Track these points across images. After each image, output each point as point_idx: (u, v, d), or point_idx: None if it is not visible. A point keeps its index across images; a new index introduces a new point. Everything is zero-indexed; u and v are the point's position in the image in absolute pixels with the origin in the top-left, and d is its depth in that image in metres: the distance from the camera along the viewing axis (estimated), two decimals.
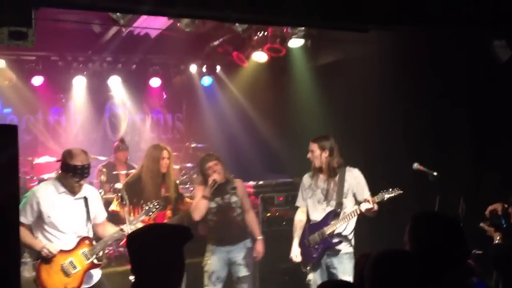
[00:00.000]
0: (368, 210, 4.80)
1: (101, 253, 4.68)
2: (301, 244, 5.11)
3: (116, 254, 6.76)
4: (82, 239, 4.47)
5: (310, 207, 5.11)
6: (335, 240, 4.96)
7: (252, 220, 5.43)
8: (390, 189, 4.86)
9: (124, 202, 4.51)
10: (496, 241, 4.31)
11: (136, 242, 2.31)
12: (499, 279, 3.89)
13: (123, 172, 7.27)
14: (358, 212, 4.85)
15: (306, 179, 5.21)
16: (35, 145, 8.37)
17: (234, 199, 5.32)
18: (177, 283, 2.33)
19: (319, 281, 4.89)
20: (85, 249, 4.46)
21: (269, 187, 7.50)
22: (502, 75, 5.64)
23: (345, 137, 6.42)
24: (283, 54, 7.51)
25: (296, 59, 7.99)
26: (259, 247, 5.38)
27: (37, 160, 7.21)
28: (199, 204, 5.20)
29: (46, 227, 4.38)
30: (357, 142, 7.00)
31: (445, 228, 2.61)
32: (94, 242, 4.54)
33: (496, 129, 5.90)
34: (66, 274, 4.35)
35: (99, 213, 4.74)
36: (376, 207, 4.82)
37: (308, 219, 5.14)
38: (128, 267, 6.06)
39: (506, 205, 4.43)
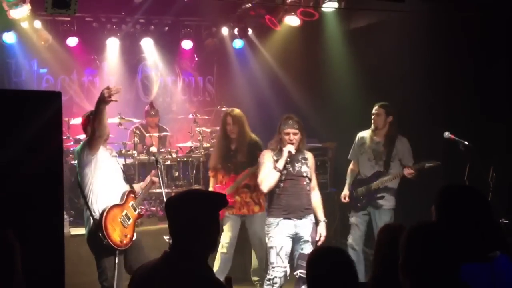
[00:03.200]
0: (409, 174, 5.46)
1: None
2: (350, 192, 5.91)
3: (149, 213, 6.98)
4: (129, 193, 4.73)
5: (360, 162, 5.86)
6: (379, 195, 5.68)
7: (317, 200, 5.09)
8: (431, 160, 5.46)
9: (158, 165, 4.64)
10: None
11: (174, 206, 2.41)
12: None
13: (156, 134, 7.41)
14: (401, 175, 5.55)
15: (361, 136, 5.90)
16: (71, 106, 8.55)
17: (304, 168, 4.97)
18: (212, 247, 2.42)
19: (360, 225, 5.78)
20: (132, 202, 4.73)
21: None
22: None
23: (376, 101, 6.40)
24: (316, 18, 7.44)
25: (329, 23, 7.91)
26: (322, 230, 4.98)
27: (73, 121, 7.39)
28: (269, 176, 4.84)
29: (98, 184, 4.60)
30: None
31: (472, 201, 2.64)
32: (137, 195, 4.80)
33: None
34: (124, 225, 4.61)
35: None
36: (415, 173, 5.45)
37: (359, 171, 5.89)
38: (160, 226, 6.27)
39: None
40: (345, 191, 5.94)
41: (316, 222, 5.03)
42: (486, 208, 2.62)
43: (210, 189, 5.85)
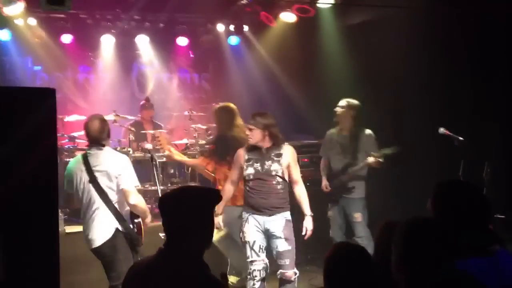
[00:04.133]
0: (373, 163, 5.67)
1: None
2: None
3: None
4: None
5: (331, 158, 6.10)
6: (349, 186, 5.93)
7: (300, 194, 4.91)
8: (391, 147, 5.69)
9: (154, 162, 4.62)
10: None
11: (168, 203, 2.40)
12: None
13: (151, 131, 7.40)
14: (367, 164, 5.75)
15: (329, 133, 6.19)
16: (65, 103, 8.51)
17: (275, 166, 4.78)
18: (207, 243, 2.41)
19: (337, 218, 6.03)
20: None
21: (294, 148, 7.54)
22: None
23: (372, 98, 6.42)
24: (311, 14, 7.44)
25: (324, 20, 7.90)
26: (308, 224, 4.85)
27: (67, 118, 7.36)
28: (226, 192, 4.96)
29: None
30: (384, 103, 6.98)
31: (469, 196, 2.64)
32: None
33: None
34: None
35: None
36: (377, 160, 5.66)
37: (330, 167, 6.14)
38: (155, 223, 6.24)
39: None
40: (324, 182, 6.17)
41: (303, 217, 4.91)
42: (483, 203, 2.63)
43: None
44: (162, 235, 4.09)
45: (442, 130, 5.31)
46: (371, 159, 5.67)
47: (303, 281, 5.51)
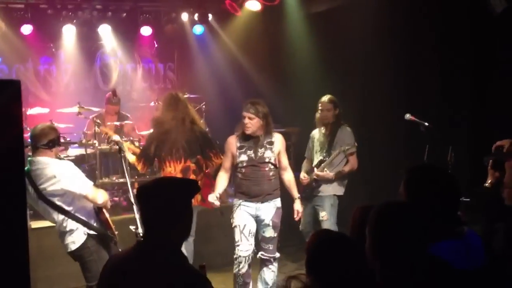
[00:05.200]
0: (318, 176, 5.66)
1: None
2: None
3: (111, 204, 6.85)
4: None
5: (312, 155, 5.98)
6: (320, 182, 5.79)
7: (290, 180, 5.14)
8: (344, 147, 5.64)
9: (121, 154, 4.54)
10: (487, 184, 4.33)
11: (146, 194, 2.36)
12: (488, 227, 4.01)
13: (116, 123, 7.28)
14: (315, 176, 5.69)
15: (312, 134, 6.03)
16: (26, 96, 8.26)
17: (268, 154, 4.95)
18: (186, 235, 2.39)
19: (306, 214, 5.75)
20: None
21: None
22: (498, 26, 5.65)
23: (339, 86, 6.46)
24: (276, 2, 7.43)
25: (289, 8, 7.90)
26: (298, 207, 5.11)
27: (30, 111, 7.18)
28: (222, 180, 5.04)
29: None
30: (351, 91, 7.04)
31: (441, 179, 2.69)
32: None
33: (492, 80, 5.95)
34: None
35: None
36: (326, 173, 5.65)
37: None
38: (124, 216, 6.18)
39: None
40: (302, 175, 6.00)
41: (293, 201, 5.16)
42: (453, 186, 2.68)
43: None
44: (132, 227, 4.04)
45: (408, 116, 5.35)
46: (315, 173, 5.66)
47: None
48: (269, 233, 4.97)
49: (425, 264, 2.11)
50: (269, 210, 4.98)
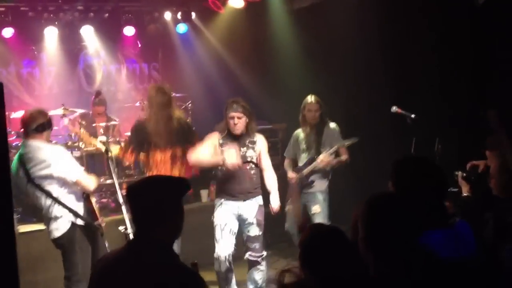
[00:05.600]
0: (322, 161, 5.61)
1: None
2: (289, 184, 5.94)
3: (100, 205, 6.81)
4: None
5: (298, 157, 5.91)
6: (311, 180, 5.77)
7: (271, 179, 5.07)
8: (349, 138, 5.68)
9: (109, 155, 4.50)
10: (465, 194, 4.38)
11: (136, 193, 2.34)
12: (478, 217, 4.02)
13: (103, 124, 7.22)
14: (319, 161, 5.65)
15: (296, 133, 5.98)
16: (10, 99, 8.17)
17: (250, 153, 4.92)
18: (176, 233, 2.37)
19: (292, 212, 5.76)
20: None
21: None
22: (480, 17, 5.67)
23: (325, 81, 6.44)
24: None
25: (272, 4, 7.89)
26: (275, 204, 5.04)
27: (14, 115, 7.10)
28: (207, 158, 4.85)
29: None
30: (337, 86, 7.03)
31: (427, 171, 2.70)
32: None
33: (479, 72, 5.97)
34: None
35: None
36: (332, 158, 5.64)
37: (297, 165, 5.94)
38: (112, 217, 6.13)
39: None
40: (290, 174, 5.95)
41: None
42: (440, 177, 2.69)
43: None
44: (121, 228, 4.01)
45: (394, 108, 5.30)
46: (320, 157, 5.62)
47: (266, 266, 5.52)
48: (254, 231, 4.92)
49: (416, 255, 2.11)
50: (252, 208, 4.92)
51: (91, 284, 2.43)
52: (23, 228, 5.85)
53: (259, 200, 5.01)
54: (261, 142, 5.02)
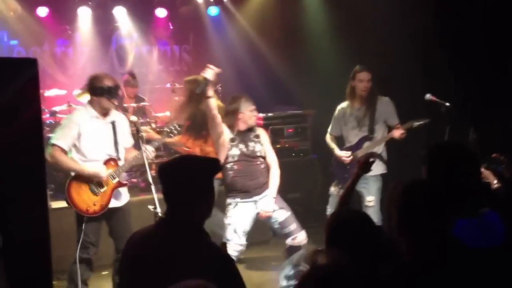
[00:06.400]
0: (400, 135, 5.22)
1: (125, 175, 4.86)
2: (333, 163, 5.56)
3: (130, 185, 6.88)
4: (108, 160, 4.63)
5: (345, 133, 5.53)
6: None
7: (274, 175, 4.80)
8: (418, 118, 5.25)
9: (140, 135, 4.52)
10: (495, 186, 4.29)
11: (167, 172, 2.35)
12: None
13: (133, 104, 7.28)
14: (390, 137, 5.28)
15: (340, 108, 5.58)
16: (44, 78, 8.23)
17: (258, 147, 4.78)
18: (207, 212, 2.38)
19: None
20: (110, 170, 4.63)
21: (278, 119, 7.53)
22: None
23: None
24: None
25: None
26: (268, 207, 4.70)
27: (47, 93, 7.21)
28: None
29: (80, 149, 4.56)
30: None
31: (462, 157, 2.65)
32: (120, 163, 4.68)
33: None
34: (94, 193, 4.57)
35: (126, 139, 4.82)
36: (405, 133, 5.25)
37: (340, 144, 5.58)
38: (142, 197, 6.19)
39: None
40: (340, 152, 5.45)
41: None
42: (475, 164, 2.64)
43: None
44: (151, 207, 4.03)
45: (428, 96, 5.16)
46: (398, 132, 5.19)
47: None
48: (282, 215, 4.72)
49: (449, 242, 2.08)
50: (269, 200, 4.73)
51: (123, 260, 2.46)
52: (55, 204, 5.96)
53: None
54: (264, 135, 4.90)
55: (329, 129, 5.66)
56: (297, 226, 4.73)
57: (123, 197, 4.79)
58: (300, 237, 4.70)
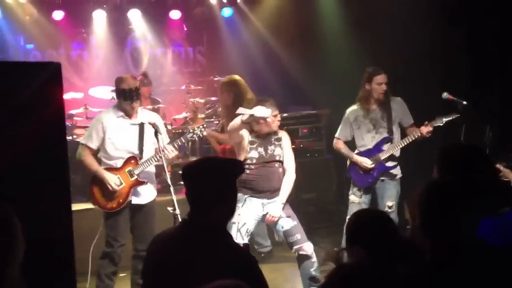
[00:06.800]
0: (428, 132, 5.10)
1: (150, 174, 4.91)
2: (351, 170, 5.36)
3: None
4: (129, 159, 4.76)
5: (359, 137, 5.34)
6: (390, 164, 5.24)
7: (287, 180, 4.71)
8: (448, 114, 5.14)
9: (157, 136, 4.55)
10: None
11: (192, 174, 2.37)
12: None
13: (149, 106, 7.33)
14: (418, 135, 5.14)
15: (352, 111, 5.39)
16: None
17: (278, 151, 4.71)
18: (230, 214, 2.40)
19: (363, 204, 5.24)
20: (130, 167, 4.74)
21: (293, 119, 7.52)
22: None
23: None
24: None
25: None
26: (276, 212, 4.61)
27: (64, 96, 7.26)
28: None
29: (104, 147, 4.76)
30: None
31: (475, 159, 2.65)
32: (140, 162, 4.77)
33: None
34: (113, 189, 4.70)
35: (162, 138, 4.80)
36: (431, 131, 5.14)
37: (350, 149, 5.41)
38: (159, 198, 6.23)
39: None
40: (361, 158, 5.25)
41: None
42: (489, 165, 2.64)
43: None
44: (170, 208, 4.06)
45: (445, 94, 5.12)
46: (425, 129, 5.06)
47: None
48: (288, 224, 4.61)
49: (472, 243, 2.08)
50: (278, 205, 4.64)
51: (147, 263, 2.48)
52: (74, 207, 6.01)
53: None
54: (286, 139, 4.80)
55: (337, 134, 5.45)
56: (302, 237, 4.61)
57: (147, 196, 4.86)
58: (306, 248, 4.59)
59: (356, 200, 5.27)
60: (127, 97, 4.68)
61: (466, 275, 2.02)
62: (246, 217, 4.62)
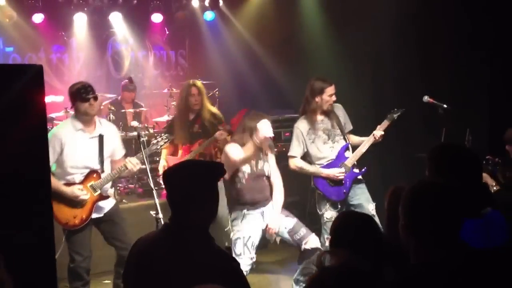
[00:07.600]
0: (381, 136, 5.07)
1: (109, 186, 4.78)
2: (319, 185, 5.14)
3: (127, 191, 6.90)
4: (90, 173, 4.54)
5: (314, 151, 5.13)
6: (357, 170, 5.14)
7: (278, 194, 4.84)
8: (395, 109, 5.18)
9: (141, 140, 4.52)
10: (494, 189, 4.32)
11: (172, 177, 2.37)
12: None
13: (131, 110, 7.29)
14: (374, 139, 5.06)
15: (302, 126, 5.16)
16: None
17: (266, 167, 4.81)
18: (212, 216, 2.39)
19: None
20: (92, 182, 4.54)
21: (275, 123, 7.45)
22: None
23: (352, 70, 6.35)
24: None
25: None
26: (275, 225, 4.73)
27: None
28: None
29: (61, 163, 4.49)
30: (365, 74, 6.96)
31: (464, 159, 2.68)
32: (102, 176, 4.60)
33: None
34: (74, 206, 4.48)
35: (116, 151, 4.76)
36: (383, 134, 5.10)
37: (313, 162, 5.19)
38: (140, 203, 6.20)
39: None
40: (331, 170, 5.05)
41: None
42: (476, 166, 2.67)
43: (162, 160, 5.92)
44: (153, 212, 4.03)
45: (426, 98, 5.18)
46: (378, 133, 5.04)
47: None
48: (290, 222, 4.77)
49: (457, 243, 2.09)
50: (275, 217, 4.78)
51: (128, 267, 2.46)
52: None
53: None
54: (271, 156, 4.90)
55: (291, 152, 5.20)
56: (306, 230, 4.75)
57: (106, 207, 4.69)
58: (312, 240, 4.70)
59: (329, 217, 5.02)
60: (82, 94, 4.40)
61: (451, 277, 2.03)
62: (249, 231, 4.69)
